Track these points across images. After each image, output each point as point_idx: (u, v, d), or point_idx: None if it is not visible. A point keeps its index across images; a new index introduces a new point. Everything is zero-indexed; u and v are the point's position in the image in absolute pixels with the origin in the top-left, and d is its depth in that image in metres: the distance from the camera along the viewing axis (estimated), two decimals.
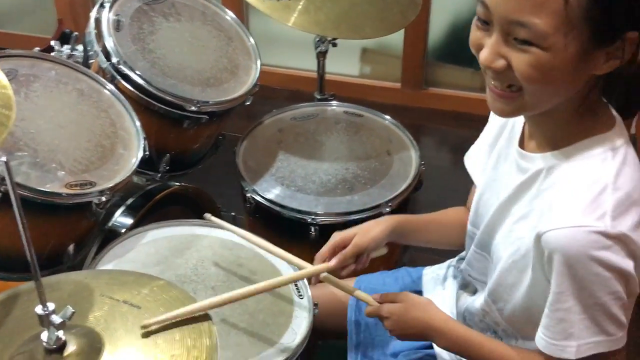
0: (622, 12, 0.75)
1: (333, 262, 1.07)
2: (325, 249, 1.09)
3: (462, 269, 1.12)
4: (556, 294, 0.82)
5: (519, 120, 0.96)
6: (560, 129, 0.87)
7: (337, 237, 1.10)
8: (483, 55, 0.81)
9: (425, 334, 1.00)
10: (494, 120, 1.07)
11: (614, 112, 0.88)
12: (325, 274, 1.07)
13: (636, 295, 0.85)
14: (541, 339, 0.87)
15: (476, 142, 1.13)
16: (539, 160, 0.89)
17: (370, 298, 1.04)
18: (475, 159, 1.11)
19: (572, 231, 0.79)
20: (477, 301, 1.04)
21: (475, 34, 0.83)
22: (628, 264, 0.79)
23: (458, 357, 1.08)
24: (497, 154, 1.03)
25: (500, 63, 0.80)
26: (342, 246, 1.09)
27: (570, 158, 0.85)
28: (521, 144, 0.94)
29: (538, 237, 0.83)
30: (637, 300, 0.85)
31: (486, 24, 0.81)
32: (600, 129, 0.85)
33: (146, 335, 0.80)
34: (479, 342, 0.97)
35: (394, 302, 1.01)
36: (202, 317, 0.85)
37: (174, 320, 0.83)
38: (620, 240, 0.78)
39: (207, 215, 1.24)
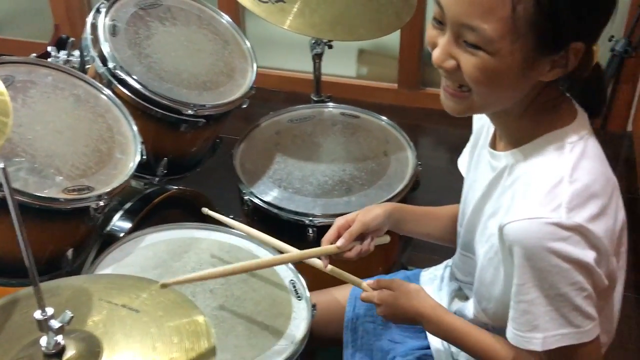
0: (567, 23, 0.77)
1: (340, 242, 1.08)
2: (331, 232, 1.10)
3: (451, 271, 1.13)
4: (518, 286, 0.84)
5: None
6: (519, 127, 0.89)
7: (340, 220, 1.11)
8: (435, 55, 0.84)
9: (414, 320, 1.02)
10: (475, 124, 1.09)
11: (577, 107, 0.89)
12: (330, 267, 1.09)
13: (604, 287, 0.85)
14: (509, 331, 0.88)
15: (467, 145, 1.14)
16: (504, 158, 0.91)
17: (363, 283, 1.08)
18: (464, 161, 1.14)
19: (528, 223, 0.80)
20: (468, 307, 1.05)
21: (430, 32, 0.85)
22: (587, 255, 0.80)
23: (454, 354, 1.09)
24: (477, 155, 1.05)
25: (451, 63, 0.82)
26: (347, 227, 1.10)
27: (530, 154, 0.87)
28: (493, 145, 0.97)
29: (500, 231, 0.85)
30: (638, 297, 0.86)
31: (440, 23, 0.83)
32: (559, 124, 0.87)
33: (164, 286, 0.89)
34: (465, 331, 0.98)
35: (387, 288, 1.04)
36: (200, 319, 0.85)
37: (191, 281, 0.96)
38: (578, 231, 0.79)
39: (205, 210, 1.26)
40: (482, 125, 1.04)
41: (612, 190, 0.86)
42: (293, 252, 1.12)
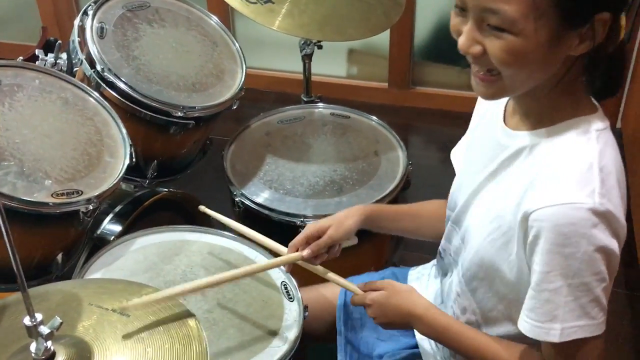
0: None
1: (306, 252, 1.09)
2: (299, 238, 1.10)
3: (443, 248, 1.12)
4: (543, 274, 0.82)
5: (502, 100, 0.98)
6: (544, 106, 0.88)
7: (311, 228, 1.11)
8: (460, 42, 0.84)
9: (406, 321, 1.01)
10: (477, 109, 1.08)
11: (594, 101, 0.89)
12: (323, 270, 1.09)
13: (614, 275, 0.85)
14: (525, 322, 0.87)
15: (463, 137, 1.14)
16: (522, 137, 0.90)
17: (353, 286, 1.06)
18: (458, 151, 1.13)
19: (563, 208, 0.79)
20: (453, 282, 1.05)
21: (454, 20, 0.86)
22: (612, 243, 0.80)
23: (442, 354, 1.09)
24: (476, 136, 1.05)
25: (477, 49, 0.82)
26: (316, 237, 1.10)
27: (555, 136, 0.86)
28: (503, 122, 0.96)
29: (525, 217, 0.83)
30: (632, 293, 0.86)
31: (463, 10, 0.83)
32: (584, 111, 0.86)
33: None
34: (459, 330, 0.98)
35: (377, 290, 1.03)
36: (191, 322, 0.84)
37: (150, 302, 0.86)
38: (606, 218, 0.79)
39: (202, 208, 1.27)
40: (487, 107, 1.03)
41: (624, 179, 0.86)
42: (258, 263, 1.15)
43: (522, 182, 0.87)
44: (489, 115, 1.02)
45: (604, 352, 0.87)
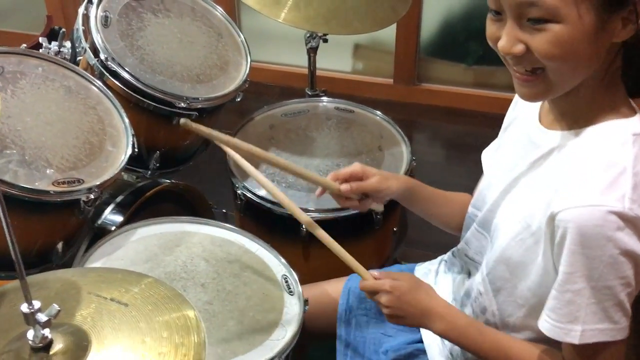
0: None
1: (344, 187, 1.07)
2: (343, 171, 1.09)
3: (459, 249, 1.11)
4: (566, 274, 0.81)
5: None
6: (581, 106, 0.86)
7: (357, 166, 1.09)
8: (501, 44, 0.82)
9: (423, 316, 0.98)
10: (510, 111, 1.07)
11: (633, 104, 0.88)
12: (339, 248, 1.03)
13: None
14: (545, 322, 0.86)
15: (494, 141, 1.12)
16: (555, 136, 0.89)
17: (366, 272, 1.01)
18: (489, 151, 1.11)
19: (590, 210, 0.78)
20: (475, 283, 1.03)
21: (490, 28, 0.84)
22: (639, 248, 0.79)
23: (448, 350, 1.08)
24: (508, 136, 1.03)
25: (519, 47, 0.81)
26: (359, 178, 1.09)
27: (589, 137, 0.85)
28: (539, 120, 0.94)
29: (552, 217, 0.82)
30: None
31: (498, 14, 0.82)
32: (622, 114, 0.85)
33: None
34: (480, 330, 0.96)
35: (396, 280, 0.99)
36: (190, 313, 0.84)
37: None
38: (634, 224, 0.78)
39: (183, 121, 1.08)
40: (522, 107, 1.01)
41: None
42: (300, 169, 1.13)
43: (553, 182, 0.86)
44: (523, 114, 1.00)
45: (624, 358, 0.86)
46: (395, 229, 1.56)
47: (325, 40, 1.74)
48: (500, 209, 0.97)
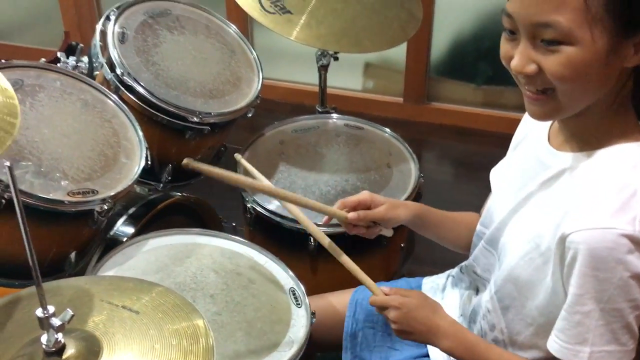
0: None
1: (351, 215, 1.09)
2: (351, 199, 1.10)
3: (467, 265, 1.12)
4: (576, 296, 0.82)
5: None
6: (592, 129, 0.87)
7: (366, 195, 1.11)
8: (514, 63, 0.83)
9: (430, 333, 0.99)
10: (519, 129, 1.08)
11: None
12: (347, 259, 1.08)
13: None
14: (554, 342, 0.86)
15: (503, 159, 1.13)
16: (565, 158, 0.90)
17: (376, 287, 1.03)
18: (497, 170, 1.13)
19: (602, 232, 0.79)
20: (483, 300, 1.04)
21: (504, 47, 0.85)
22: None
23: None
24: (517, 155, 1.04)
25: (532, 67, 0.82)
26: (366, 206, 1.10)
27: (599, 160, 0.86)
28: (548, 140, 0.95)
29: (562, 239, 0.83)
30: None
31: (513, 33, 0.83)
32: (632, 137, 0.86)
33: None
34: (487, 349, 0.97)
35: (405, 296, 1.01)
36: (199, 322, 0.85)
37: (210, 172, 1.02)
38: None
39: (238, 156, 1.25)
40: (532, 126, 1.02)
41: None
42: (300, 197, 1.14)
43: (563, 204, 0.86)
44: (532, 134, 1.01)
45: None
46: (402, 244, 1.57)
47: (336, 59, 1.77)
48: (508, 228, 0.98)
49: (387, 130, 1.72)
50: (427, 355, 1.13)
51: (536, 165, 0.95)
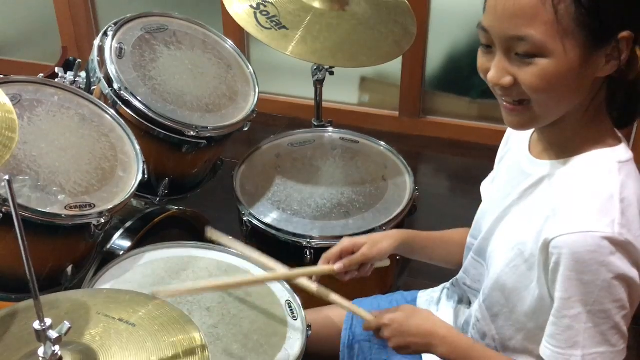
0: (610, 14, 0.79)
1: (337, 266, 1.10)
2: (333, 251, 1.12)
3: (458, 278, 1.13)
4: (562, 300, 0.83)
5: (528, 131, 0.99)
6: (569, 137, 0.89)
7: (346, 242, 1.12)
8: (490, 75, 0.86)
9: (426, 342, 0.99)
10: (504, 140, 1.10)
11: (618, 133, 0.91)
12: (334, 297, 1.09)
13: (636, 305, 0.86)
14: (546, 349, 0.87)
15: (491, 173, 1.15)
16: (545, 166, 0.92)
17: (367, 313, 1.05)
18: (487, 182, 1.15)
19: (582, 236, 0.80)
20: (473, 310, 1.05)
21: (481, 60, 0.88)
22: (633, 272, 0.81)
23: None
24: (502, 167, 1.06)
25: (507, 80, 0.84)
26: (350, 252, 1.12)
27: (577, 166, 0.88)
28: (528, 150, 0.97)
29: (545, 244, 0.84)
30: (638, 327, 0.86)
31: (489, 47, 0.86)
32: (608, 143, 0.88)
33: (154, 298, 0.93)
34: (482, 353, 0.97)
35: (394, 313, 1.02)
36: (196, 335, 0.86)
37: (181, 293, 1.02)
38: (625, 248, 0.80)
39: (209, 229, 1.25)
40: (515, 138, 1.04)
41: None
42: (288, 270, 1.14)
43: (544, 210, 0.88)
44: (515, 145, 1.03)
45: None
46: (398, 257, 1.57)
47: (332, 73, 1.79)
48: (494, 237, 1.00)
49: (383, 143, 1.73)
50: None
51: (518, 174, 0.97)
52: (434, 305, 1.22)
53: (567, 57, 0.80)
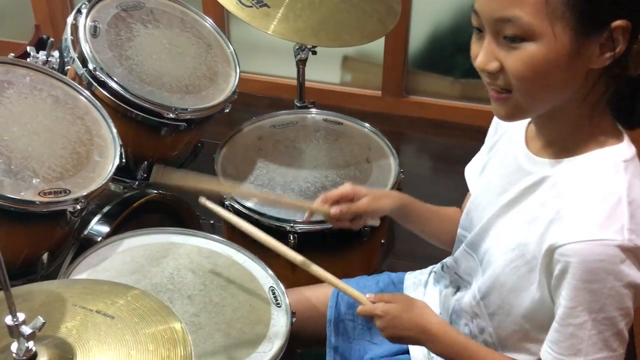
0: None
1: (334, 210, 1.07)
2: (333, 193, 1.08)
3: (448, 265, 1.12)
4: (569, 309, 0.81)
5: (522, 122, 0.96)
6: (568, 134, 0.87)
7: (348, 187, 1.09)
8: (478, 60, 0.83)
9: (418, 337, 0.98)
10: (493, 126, 1.07)
11: (621, 128, 0.88)
12: (330, 277, 1.05)
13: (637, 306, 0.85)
14: (547, 354, 0.86)
15: (478, 153, 1.13)
16: (545, 165, 0.89)
17: (361, 295, 1.02)
18: (474, 167, 1.12)
19: (591, 245, 0.78)
20: (466, 302, 1.03)
21: (474, 46, 0.85)
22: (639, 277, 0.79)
23: None
24: (494, 156, 1.03)
25: (494, 65, 0.81)
26: (349, 199, 1.08)
27: (580, 167, 0.85)
28: (526, 145, 0.94)
29: (551, 250, 0.82)
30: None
31: (480, 31, 0.83)
32: (612, 141, 0.85)
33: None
34: (475, 350, 0.96)
35: (390, 302, 1.00)
36: (176, 325, 0.83)
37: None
38: (634, 253, 0.78)
39: (203, 200, 1.18)
40: (507, 127, 1.01)
41: None
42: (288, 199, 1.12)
43: (547, 213, 0.85)
44: (508, 134, 1.00)
45: None
46: (383, 240, 1.56)
47: (314, 52, 1.75)
48: (490, 234, 0.97)
49: (367, 125, 1.70)
50: (407, 352, 1.12)
51: (516, 170, 0.94)
52: (422, 288, 1.21)
53: (556, 42, 0.77)
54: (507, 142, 1.00)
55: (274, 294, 1.15)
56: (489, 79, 0.84)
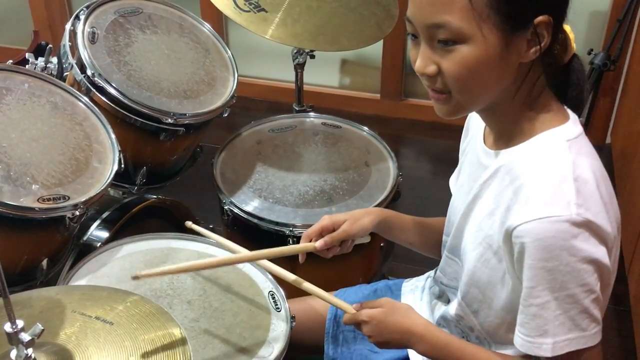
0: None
1: (319, 243, 1.09)
2: (313, 229, 1.11)
3: (435, 277, 1.13)
4: (529, 289, 0.83)
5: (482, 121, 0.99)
6: (512, 123, 0.89)
7: (326, 220, 1.11)
8: (417, 65, 0.86)
9: (405, 339, 0.98)
10: (464, 130, 1.09)
11: (568, 110, 0.91)
12: (314, 289, 1.06)
13: (610, 287, 0.86)
14: (518, 337, 0.87)
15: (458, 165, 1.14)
16: (499, 156, 0.91)
17: (348, 305, 1.03)
18: (455, 173, 1.14)
19: (540, 222, 0.80)
20: (451, 308, 1.04)
21: (411, 51, 0.88)
22: (598, 251, 0.80)
23: None
24: (465, 159, 1.05)
25: (432, 68, 0.84)
26: (330, 230, 1.11)
27: (528, 152, 0.87)
28: (483, 142, 0.97)
29: (508, 233, 0.84)
30: (619, 307, 0.85)
31: (415, 37, 0.86)
32: (555, 123, 0.87)
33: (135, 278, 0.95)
34: (459, 347, 0.96)
35: (374, 307, 1.01)
36: (176, 331, 0.83)
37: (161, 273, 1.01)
38: (587, 227, 0.80)
39: (189, 224, 1.23)
40: (473, 131, 1.04)
41: (608, 185, 0.87)
42: (270, 249, 1.10)
43: (504, 200, 0.88)
44: (473, 138, 1.03)
45: None
46: (382, 244, 1.56)
47: (313, 56, 1.76)
48: (464, 234, 0.99)
49: (365, 128, 1.71)
50: (407, 358, 1.12)
51: (477, 167, 0.97)
52: (419, 293, 1.21)
53: (486, 42, 0.80)
54: (472, 145, 1.03)
55: (273, 298, 1.15)
56: (428, 82, 0.87)
